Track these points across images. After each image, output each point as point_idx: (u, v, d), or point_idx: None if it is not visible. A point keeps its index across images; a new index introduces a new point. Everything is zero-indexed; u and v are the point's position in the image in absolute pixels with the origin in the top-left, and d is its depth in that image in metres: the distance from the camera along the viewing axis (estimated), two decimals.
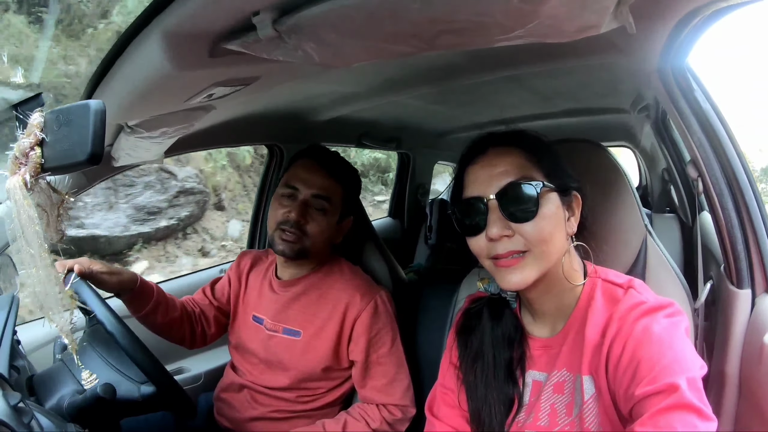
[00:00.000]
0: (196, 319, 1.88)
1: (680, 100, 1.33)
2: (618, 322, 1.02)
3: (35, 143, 0.90)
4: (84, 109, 0.85)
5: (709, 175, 1.36)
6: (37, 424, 0.96)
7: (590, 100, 2.58)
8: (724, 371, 1.35)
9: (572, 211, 1.14)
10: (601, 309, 1.08)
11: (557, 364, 1.14)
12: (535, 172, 1.10)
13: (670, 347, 0.95)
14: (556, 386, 1.13)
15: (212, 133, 1.98)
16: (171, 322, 1.76)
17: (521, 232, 1.06)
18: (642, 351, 0.96)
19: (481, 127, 2.99)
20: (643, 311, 1.01)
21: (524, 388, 1.19)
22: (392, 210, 4.02)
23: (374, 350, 1.71)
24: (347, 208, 1.80)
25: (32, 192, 0.92)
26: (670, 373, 0.91)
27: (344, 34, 0.90)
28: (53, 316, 0.98)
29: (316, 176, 1.73)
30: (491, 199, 1.08)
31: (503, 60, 1.67)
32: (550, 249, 1.07)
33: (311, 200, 1.70)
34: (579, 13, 0.78)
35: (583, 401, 1.06)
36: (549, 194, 1.09)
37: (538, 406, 1.14)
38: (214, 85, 1.18)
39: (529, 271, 1.07)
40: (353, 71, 1.67)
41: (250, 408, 1.78)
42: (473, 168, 1.14)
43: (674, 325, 0.99)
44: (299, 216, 1.68)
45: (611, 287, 1.12)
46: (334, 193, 1.74)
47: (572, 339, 1.12)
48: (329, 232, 1.74)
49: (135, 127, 1.41)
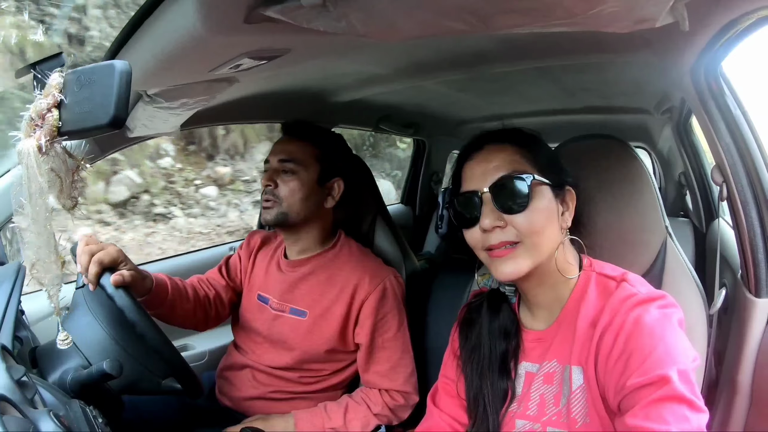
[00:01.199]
0: (210, 303, 1.88)
1: (711, 103, 1.32)
2: (610, 313, 1.05)
3: (53, 105, 0.86)
4: (108, 69, 0.81)
5: (734, 181, 1.35)
6: (41, 399, 0.94)
7: (614, 98, 2.55)
8: (735, 379, 1.34)
9: (566, 205, 1.19)
10: (594, 301, 1.12)
11: (548, 355, 1.18)
12: (527, 166, 1.15)
13: (661, 339, 0.97)
14: (546, 377, 1.17)
15: (230, 107, 1.96)
16: (184, 314, 1.77)
17: (513, 224, 1.11)
18: (633, 342, 0.98)
19: (501, 119, 3.00)
20: (635, 302, 1.04)
21: (517, 379, 1.23)
22: (405, 196, 3.99)
23: (379, 334, 1.72)
24: (327, 167, 1.80)
25: (47, 156, 0.87)
26: (662, 364, 0.93)
27: (397, 4, 0.86)
28: (43, 279, 0.96)
29: (282, 144, 1.82)
30: (485, 192, 1.13)
31: (536, 50, 1.64)
32: (541, 240, 1.12)
33: (278, 165, 1.77)
34: (642, 3, 0.77)
35: (571, 391, 1.09)
36: (541, 188, 1.13)
37: (528, 396, 1.18)
38: (243, 55, 1.13)
39: (522, 262, 1.11)
40: (381, 51, 1.64)
41: (251, 387, 1.80)
42: (470, 164, 1.20)
43: (666, 317, 1.01)
44: (268, 181, 1.77)
45: (605, 280, 1.15)
46: (303, 154, 1.78)
47: (564, 330, 1.16)
48: (303, 192, 1.75)
49: (155, 96, 1.38)
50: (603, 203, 1.36)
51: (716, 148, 1.35)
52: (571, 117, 2.87)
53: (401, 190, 4.07)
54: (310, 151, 1.78)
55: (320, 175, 1.78)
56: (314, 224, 1.81)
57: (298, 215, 1.75)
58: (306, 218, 1.78)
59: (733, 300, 1.47)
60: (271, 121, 2.59)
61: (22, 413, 0.78)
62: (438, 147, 3.84)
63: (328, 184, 1.81)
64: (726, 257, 1.72)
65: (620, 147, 1.41)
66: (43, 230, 0.91)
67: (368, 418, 1.68)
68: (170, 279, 1.72)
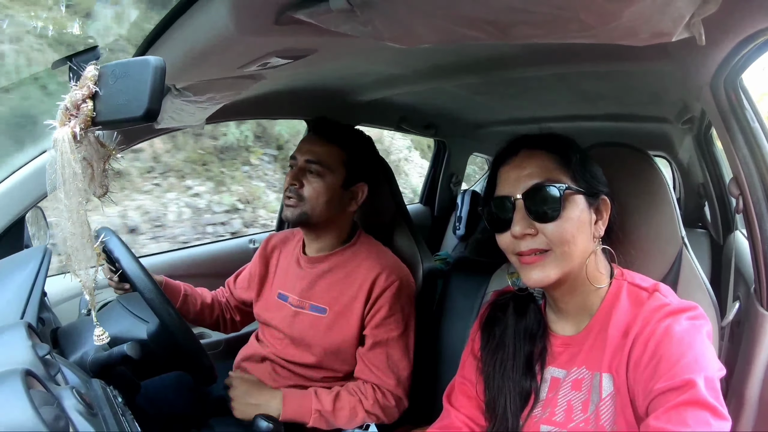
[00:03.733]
0: (226, 308, 2.00)
1: (730, 116, 1.31)
2: (641, 322, 1.05)
3: (88, 96, 0.89)
4: (143, 64, 0.83)
5: (750, 194, 1.33)
6: (63, 377, 0.96)
7: (634, 107, 2.53)
8: (743, 393, 1.33)
9: (600, 214, 1.17)
10: (626, 310, 1.11)
11: (577, 362, 1.16)
12: (561, 174, 1.13)
13: (690, 347, 0.97)
14: (574, 383, 1.15)
15: (255, 103, 1.99)
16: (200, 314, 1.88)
17: (544, 232, 1.10)
18: (663, 349, 0.99)
19: (520, 123, 3.00)
20: (666, 312, 1.04)
21: (542, 384, 1.21)
22: (424, 196, 3.98)
23: (386, 330, 1.71)
24: (353, 172, 1.80)
25: (80, 145, 0.90)
26: (688, 370, 0.94)
27: (420, 12, 0.89)
28: (79, 271, 0.98)
29: (310, 143, 1.79)
30: (518, 198, 1.12)
31: (556, 56, 1.65)
32: (571, 250, 1.10)
33: (305, 165, 1.75)
34: (658, 18, 0.77)
35: (600, 398, 1.09)
36: (574, 196, 1.12)
37: (554, 402, 1.16)
38: (271, 54, 1.16)
39: (550, 270, 1.10)
40: (404, 53, 1.63)
41: (270, 380, 1.79)
42: (504, 168, 1.19)
43: (696, 328, 1.01)
44: (293, 180, 1.75)
45: (636, 290, 1.14)
46: (330, 157, 1.76)
47: (594, 337, 1.15)
48: (327, 195, 1.74)
49: (183, 90, 1.40)
50: (620, 211, 1.36)
51: (734, 160, 1.34)
52: (590, 124, 2.83)
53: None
54: (338, 154, 1.77)
55: (346, 180, 1.78)
56: (335, 224, 1.82)
57: (320, 216, 1.75)
58: (328, 219, 1.78)
59: (746, 313, 1.46)
60: (295, 118, 2.61)
61: (47, 388, 0.80)
62: (457, 149, 3.82)
63: (353, 188, 1.80)
64: (741, 270, 1.71)
65: (639, 156, 1.40)
66: (77, 218, 0.94)
67: (357, 410, 1.66)
68: (184, 285, 1.84)
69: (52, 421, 0.71)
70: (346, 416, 1.64)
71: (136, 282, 1.35)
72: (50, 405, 0.75)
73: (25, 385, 0.71)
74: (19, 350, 0.89)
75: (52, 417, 0.72)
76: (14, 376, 0.73)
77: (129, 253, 1.41)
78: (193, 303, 1.89)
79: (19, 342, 0.91)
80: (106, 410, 0.95)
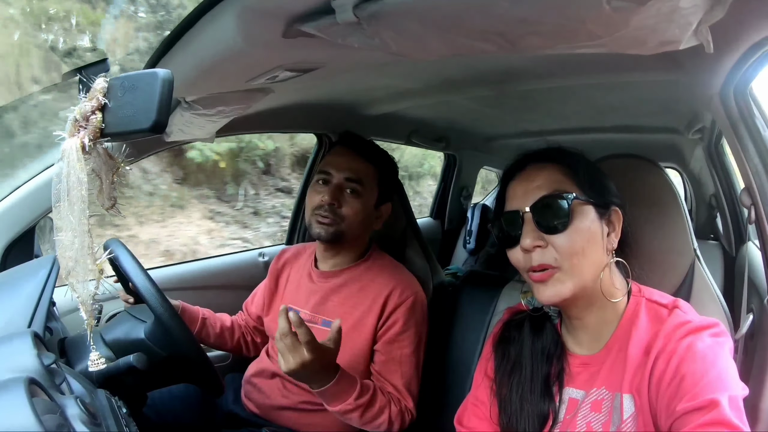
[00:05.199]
0: (246, 331, 2.00)
1: (740, 125, 1.31)
2: (663, 340, 1.03)
3: (97, 108, 0.89)
4: (152, 77, 0.84)
5: (762, 204, 1.32)
6: (68, 386, 0.97)
7: (644, 118, 2.53)
8: (758, 406, 1.31)
9: (612, 226, 1.15)
10: (646, 328, 1.09)
11: (596, 382, 1.14)
12: (569, 185, 1.13)
13: (713, 365, 0.95)
14: (593, 404, 1.12)
15: (265, 116, 1.99)
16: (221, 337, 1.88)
17: (554, 244, 1.08)
18: (685, 367, 0.97)
19: (530, 135, 3.00)
20: (688, 330, 1.02)
21: (560, 405, 1.18)
22: (434, 210, 3.97)
23: (399, 346, 1.68)
24: (384, 192, 1.81)
25: (89, 156, 0.91)
26: (712, 389, 0.92)
27: (428, 25, 0.89)
28: (77, 285, 0.98)
29: (347, 160, 1.77)
30: (526, 211, 1.11)
31: (565, 69, 1.65)
32: (582, 263, 1.09)
33: (344, 183, 1.73)
34: (665, 26, 0.77)
35: (622, 420, 1.06)
36: (583, 207, 1.11)
37: (573, 424, 1.14)
38: (280, 67, 1.18)
39: (562, 286, 1.09)
40: (413, 67, 1.65)
41: (281, 396, 1.77)
42: (513, 184, 1.19)
43: (719, 345, 0.99)
44: (332, 199, 1.71)
45: (656, 307, 1.12)
46: (367, 176, 1.76)
47: (614, 357, 1.12)
48: (364, 214, 1.74)
49: (192, 103, 1.41)
50: (631, 224, 1.35)
51: (745, 170, 1.33)
52: (600, 135, 2.83)
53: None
54: (373, 172, 1.78)
55: (378, 199, 1.79)
56: (358, 242, 1.82)
57: (353, 235, 1.76)
58: (356, 237, 1.78)
59: (759, 325, 1.44)
60: (305, 131, 2.62)
61: (51, 397, 0.81)
62: (467, 162, 3.82)
63: (381, 207, 1.82)
64: (754, 282, 1.69)
65: (650, 167, 1.39)
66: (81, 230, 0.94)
67: (384, 411, 1.56)
68: (202, 310, 1.84)
69: (54, 429, 0.71)
70: (372, 414, 1.55)
71: (137, 285, 1.37)
72: (53, 413, 0.76)
73: (28, 393, 0.72)
74: (24, 359, 0.89)
75: (54, 425, 0.72)
76: (17, 384, 0.73)
77: (133, 261, 1.42)
78: (212, 326, 1.89)
79: (24, 350, 0.91)
80: (109, 420, 0.95)
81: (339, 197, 1.72)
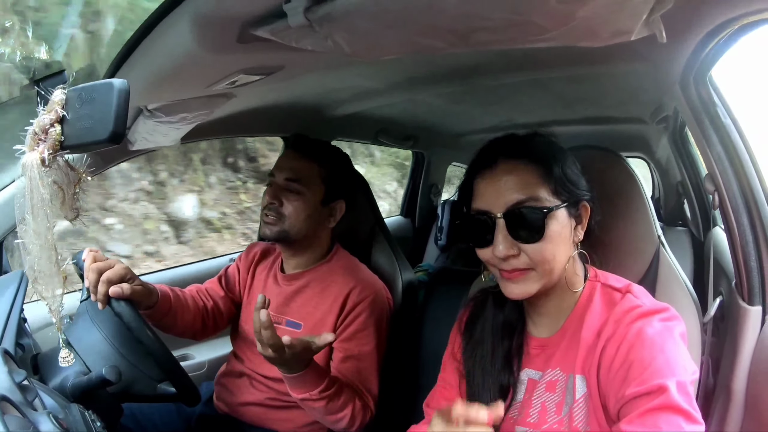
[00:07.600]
0: (208, 314, 1.88)
1: (701, 112, 1.33)
2: (613, 324, 1.05)
3: (56, 120, 0.90)
4: (108, 87, 0.84)
5: (726, 190, 1.35)
6: (41, 402, 0.96)
7: (611, 108, 2.55)
8: (730, 387, 1.34)
9: (580, 219, 1.16)
10: (599, 311, 1.11)
11: (552, 363, 1.16)
12: (543, 188, 1.10)
13: (661, 350, 0.97)
14: (548, 384, 1.15)
15: (230, 121, 1.98)
16: (184, 324, 1.77)
17: (526, 251, 1.08)
18: (634, 353, 0.99)
19: (498, 130, 2.95)
20: (638, 314, 1.04)
21: (519, 386, 1.20)
22: (404, 209, 3.99)
23: (358, 344, 1.70)
24: (332, 189, 1.81)
25: (49, 169, 0.91)
26: (660, 374, 0.94)
27: (378, 25, 0.90)
28: (45, 294, 0.98)
29: (289, 160, 1.81)
30: (499, 217, 1.09)
31: (529, 62, 1.67)
32: (553, 266, 1.10)
33: (284, 183, 1.77)
34: (614, 17, 0.78)
35: (574, 400, 1.09)
36: (556, 212, 1.10)
37: (529, 403, 1.16)
38: (238, 71, 1.17)
39: (531, 285, 1.10)
40: (376, 66, 1.66)
41: (248, 393, 1.80)
42: (482, 181, 1.15)
43: (668, 329, 1.01)
44: (272, 199, 1.76)
45: (610, 291, 1.14)
46: (309, 174, 1.78)
47: (568, 339, 1.15)
48: (306, 213, 1.75)
49: (154, 111, 1.41)
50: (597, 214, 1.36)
51: (708, 156, 1.36)
52: (568, 128, 2.83)
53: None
54: (317, 171, 1.79)
55: (325, 197, 1.79)
56: (313, 241, 1.83)
57: (299, 233, 1.76)
58: (306, 236, 1.79)
59: (728, 308, 1.47)
60: (271, 135, 2.61)
61: (23, 414, 0.80)
62: (436, 159, 3.84)
63: (332, 204, 1.82)
64: (722, 265, 1.73)
65: (613, 158, 1.41)
66: (45, 242, 0.94)
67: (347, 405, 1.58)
68: (172, 290, 1.73)
69: None
70: (336, 407, 1.56)
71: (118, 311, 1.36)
72: (26, 430, 0.75)
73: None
74: None
75: None
76: None
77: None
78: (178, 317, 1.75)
79: None
80: None
81: (280, 197, 1.76)
